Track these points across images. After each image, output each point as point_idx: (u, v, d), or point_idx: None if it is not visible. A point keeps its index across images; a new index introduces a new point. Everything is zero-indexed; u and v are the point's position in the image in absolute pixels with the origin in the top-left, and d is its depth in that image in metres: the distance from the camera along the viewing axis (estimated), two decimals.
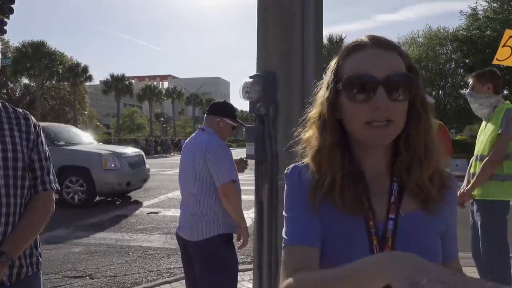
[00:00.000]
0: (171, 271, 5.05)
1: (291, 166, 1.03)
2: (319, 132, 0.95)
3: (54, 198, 1.66)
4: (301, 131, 1.01)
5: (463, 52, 26.89)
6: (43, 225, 1.59)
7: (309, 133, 0.98)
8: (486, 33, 24.47)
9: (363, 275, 0.68)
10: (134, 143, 38.79)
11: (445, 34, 29.36)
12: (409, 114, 0.91)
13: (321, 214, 0.95)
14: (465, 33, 26.07)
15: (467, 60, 27.16)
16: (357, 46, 0.92)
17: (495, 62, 4.06)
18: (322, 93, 0.97)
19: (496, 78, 3.35)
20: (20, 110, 1.63)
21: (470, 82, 3.47)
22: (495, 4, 24.72)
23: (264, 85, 2.89)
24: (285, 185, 1.01)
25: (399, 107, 0.88)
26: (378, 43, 0.90)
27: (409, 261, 0.64)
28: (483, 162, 3.22)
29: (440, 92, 30.56)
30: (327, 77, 0.96)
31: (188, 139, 2.94)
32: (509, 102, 3.33)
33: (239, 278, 4.41)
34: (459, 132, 34.74)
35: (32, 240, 1.57)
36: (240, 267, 4.74)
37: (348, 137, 0.95)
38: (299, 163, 1.02)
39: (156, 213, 8.69)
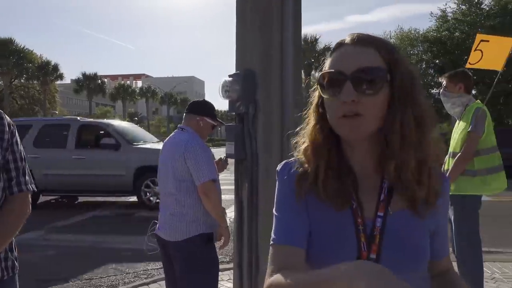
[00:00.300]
0: (149, 272, 4.99)
1: (283, 162, 1.05)
2: (312, 126, 0.98)
3: (30, 199, 1.61)
4: (302, 127, 1.04)
5: (433, 52, 27.59)
6: (18, 228, 1.53)
7: (306, 128, 1.01)
8: (455, 35, 25.19)
9: (333, 281, 0.70)
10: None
11: (416, 35, 30.04)
12: (389, 108, 0.91)
13: (308, 207, 0.96)
14: (435, 34, 26.76)
15: (437, 61, 27.89)
16: (338, 44, 0.95)
17: (468, 66, 4.28)
18: (316, 92, 1.00)
19: (467, 78, 3.50)
20: None
21: (443, 82, 3.58)
22: (463, 7, 25.48)
23: (243, 84, 2.88)
24: (277, 182, 1.03)
25: (370, 101, 0.88)
26: (355, 40, 0.92)
27: (376, 273, 0.65)
28: (455, 158, 3.34)
29: None
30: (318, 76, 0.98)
31: (167, 138, 2.91)
32: (479, 101, 3.48)
33: (219, 278, 4.41)
34: None
35: (8, 243, 1.51)
36: (224, 266, 4.73)
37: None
38: (291, 159, 1.03)
39: (133, 214, 8.56)
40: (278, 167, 1.04)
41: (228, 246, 3.11)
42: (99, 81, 54.28)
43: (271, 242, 0.95)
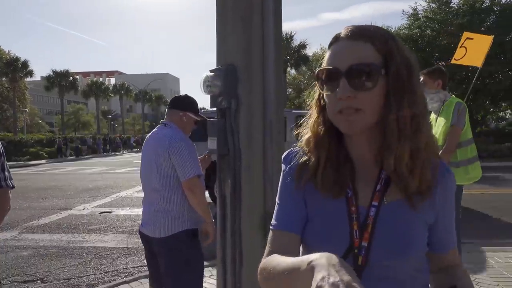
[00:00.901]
0: (129, 270, 4.93)
1: (287, 150, 1.08)
2: (314, 119, 1.01)
3: (10, 195, 1.57)
4: (307, 118, 1.06)
5: None
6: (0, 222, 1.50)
7: (309, 119, 1.03)
8: (426, 32, 25.72)
9: (302, 269, 0.73)
10: (81, 141, 37.32)
11: None
12: (385, 100, 0.91)
13: (306, 195, 1.00)
14: (406, 32, 27.24)
15: None
16: (334, 39, 0.96)
17: (453, 61, 4.47)
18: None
19: (444, 74, 3.68)
20: None
21: (421, 79, 3.69)
22: (433, 5, 26.06)
23: (225, 79, 2.88)
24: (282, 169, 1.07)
25: (366, 96, 0.89)
26: (350, 34, 0.92)
27: (336, 265, 0.67)
28: (441, 152, 3.46)
29: None
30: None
31: (149, 134, 2.88)
32: (454, 96, 3.65)
33: (204, 273, 4.39)
34: None
35: None
36: (210, 262, 4.70)
37: None
38: (295, 148, 1.06)
39: (109, 212, 8.43)
40: (283, 155, 1.08)
41: (212, 242, 3.11)
42: (71, 78, 52.88)
43: (271, 227, 1.01)
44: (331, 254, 0.70)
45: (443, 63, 20.41)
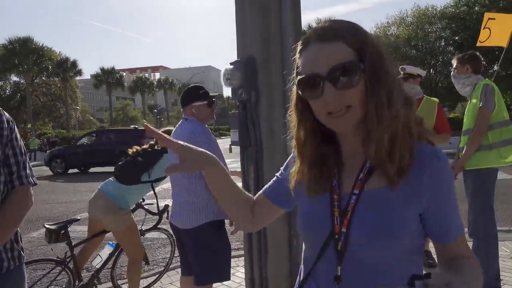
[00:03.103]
0: (167, 260, 5.09)
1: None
2: (295, 126, 1.03)
3: (31, 192, 1.67)
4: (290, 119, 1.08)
5: (452, 29, 26.85)
6: (21, 220, 1.60)
7: (292, 121, 1.05)
8: (474, 9, 24.42)
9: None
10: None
11: (434, 12, 29.26)
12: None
13: (297, 191, 1.10)
14: (453, 10, 26.02)
15: (456, 38, 27.16)
16: (304, 42, 0.96)
17: (478, 44, 4.36)
18: (294, 88, 1.01)
19: (474, 59, 3.61)
20: None
21: (454, 65, 3.72)
22: None
23: (244, 71, 2.90)
24: None
25: (352, 92, 0.90)
26: (321, 36, 0.92)
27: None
28: (471, 134, 3.42)
29: (431, 71, 30.58)
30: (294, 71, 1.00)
31: (175, 128, 2.96)
32: (487, 79, 3.54)
33: (235, 264, 4.48)
34: (451, 110, 34.96)
35: (11, 234, 1.59)
36: (236, 253, 4.81)
37: None
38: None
39: (151, 204, 8.70)
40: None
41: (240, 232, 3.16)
42: (117, 75, 54.84)
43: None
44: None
45: None
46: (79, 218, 3.43)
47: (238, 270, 4.36)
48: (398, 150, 0.92)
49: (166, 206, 3.80)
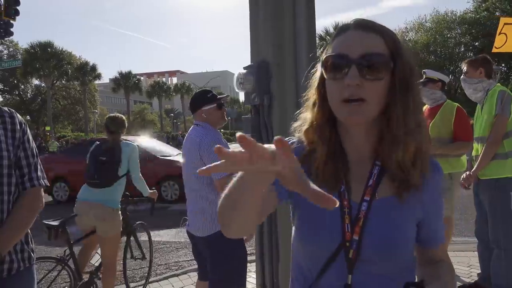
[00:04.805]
0: (180, 264, 5.11)
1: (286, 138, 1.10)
2: (312, 109, 1.01)
3: (42, 194, 1.68)
4: (302, 110, 1.06)
5: (472, 35, 26.47)
6: (31, 221, 1.61)
7: (306, 111, 1.04)
8: (495, 15, 24.03)
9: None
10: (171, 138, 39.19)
11: (453, 17, 28.90)
12: (389, 95, 0.93)
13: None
14: (473, 15, 25.64)
15: (476, 43, 26.74)
16: (342, 29, 0.97)
17: (494, 50, 4.23)
18: (316, 74, 1.01)
19: (487, 63, 3.48)
20: (6, 108, 1.65)
21: (464, 68, 3.56)
22: None
23: (257, 76, 2.89)
24: None
25: (373, 87, 0.90)
26: (359, 25, 0.94)
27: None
28: (486, 143, 3.31)
29: (450, 77, 30.14)
30: (320, 59, 1.00)
31: (187, 134, 2.95)
32: (500, 85, 3.46)
33: (247, 269, 4.45)
34: (470, 117, 34.38)
35: (21, 236, 1.60)
36: (248, 258, 4.78)
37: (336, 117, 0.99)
38: (293, 138, 1.07)
39: (166, 208, 8.76)
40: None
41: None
42: (135, 79, 55.53)
43: None
44: None
45: None
46: (77, 214, 3.44)
47: (250, 276, 4.32)
48: (421, 160, 0.95)
49: (154, 193, 4.00)
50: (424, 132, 0.95)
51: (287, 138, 1.07)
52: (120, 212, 3.55)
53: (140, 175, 3.69)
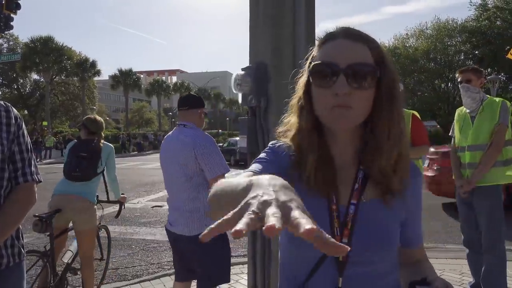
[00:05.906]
0: (172, 263, 5.09)
1: (276, 141, 1.10)
2: (298, 115, 1.02)
3: (35, 189, 1.68)
4: (287, 115, 1.08)
5: (472, 43, 26.55)
6: (23, 217, 1.61)
7: (291, 116, 1.05)
8: (496, 24, 24.14)
9: (240, 188, 0.68)
10: (143, 137, 39.08)
11: (454, 25, 28.99)
12: (375, 104, 0.95)
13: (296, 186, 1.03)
14: (474, 24, 25.73)
15: (476, 52, 26.83)
16: (329, 36, 0.98)
17: (508, 56, 4.32)
18: (301, 79, 1.03)
19: (484, 75, 3.61)
20: (1, 102, 1.64)
21: (468, 77, 3.53)
22: None
23: (255, 77, 2.89)
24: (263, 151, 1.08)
25: (360, 95, 0.92)
26: (347, 34, 0.95)
27: (277, 186, 0.62)
28: (488, 151, 3.35)
29: (449, 85, 30.25)
30: (306, 64, 1.02)
31: (167, 136, 2.94)
32: (492, 97, 3.53)
33: (239, 270, 4.45)
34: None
35: (12, 231, 1.59)
36: (240, 260, 4.78)
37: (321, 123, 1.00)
38: (282, 142, 1.07)
39: (160, 206, 8.76)
40: (271, 143, 1.10)
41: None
42: (135, 76, 55.40)
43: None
44: (277, 176, 0.66)
45: None
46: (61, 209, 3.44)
47: (242, 277, 4.33)
48: (403, 166, 0.99)
49: (124, 197, 4.11)
50: (404, 139, 0.99)
51: (275, 141, 1.10)
52: (96, 207, 3.64)
53: (116, 175, 3.85)
